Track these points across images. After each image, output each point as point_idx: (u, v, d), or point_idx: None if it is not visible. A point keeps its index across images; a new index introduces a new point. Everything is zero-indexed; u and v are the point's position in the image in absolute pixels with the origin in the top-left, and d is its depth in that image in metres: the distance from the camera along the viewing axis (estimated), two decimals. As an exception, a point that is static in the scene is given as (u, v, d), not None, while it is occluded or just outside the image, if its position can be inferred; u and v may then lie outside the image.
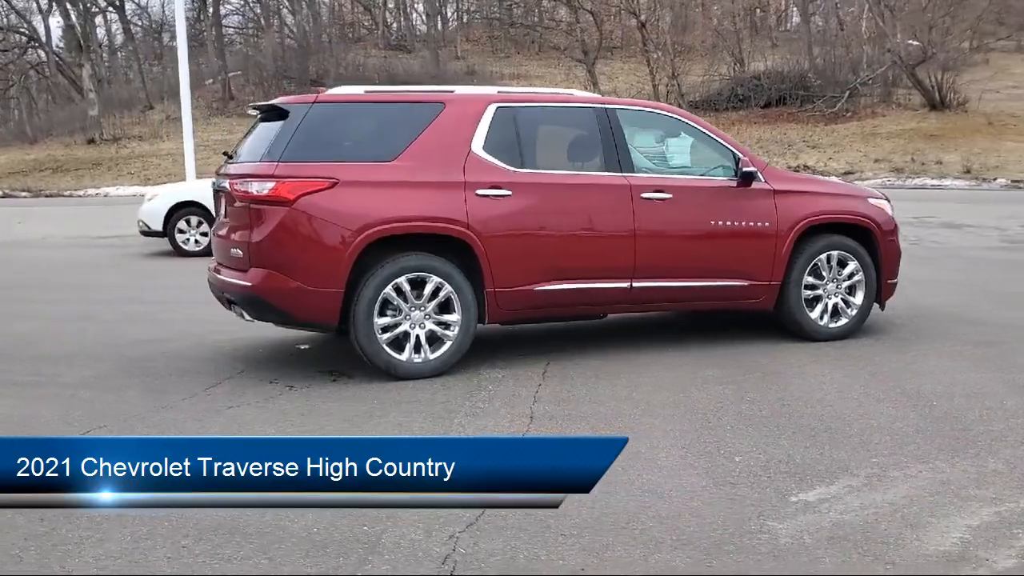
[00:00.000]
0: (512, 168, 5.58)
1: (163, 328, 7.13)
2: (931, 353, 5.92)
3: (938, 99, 31.66)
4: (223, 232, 5.72)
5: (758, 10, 44.93)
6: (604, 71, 39.55)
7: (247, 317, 5.54)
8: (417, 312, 5.38)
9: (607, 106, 5.99)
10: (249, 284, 5.29)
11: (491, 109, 5.62)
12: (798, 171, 23.39)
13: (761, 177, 6.05)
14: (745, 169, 5.99)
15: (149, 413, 4.78)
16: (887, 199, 6.68)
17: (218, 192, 6.02)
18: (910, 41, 32.20)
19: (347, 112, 5.53)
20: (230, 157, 5.99)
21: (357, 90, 5.74)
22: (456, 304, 5.41)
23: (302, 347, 6.28)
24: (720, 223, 6.02)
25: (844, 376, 5.35)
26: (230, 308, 5.81)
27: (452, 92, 5.81)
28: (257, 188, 5.25)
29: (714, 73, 37.50)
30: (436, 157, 5.48)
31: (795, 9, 44.21)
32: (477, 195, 5.45)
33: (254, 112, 5.99)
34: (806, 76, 36.67)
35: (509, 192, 5.51)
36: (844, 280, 6.29)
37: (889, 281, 6.45)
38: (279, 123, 5.43)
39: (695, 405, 4.79)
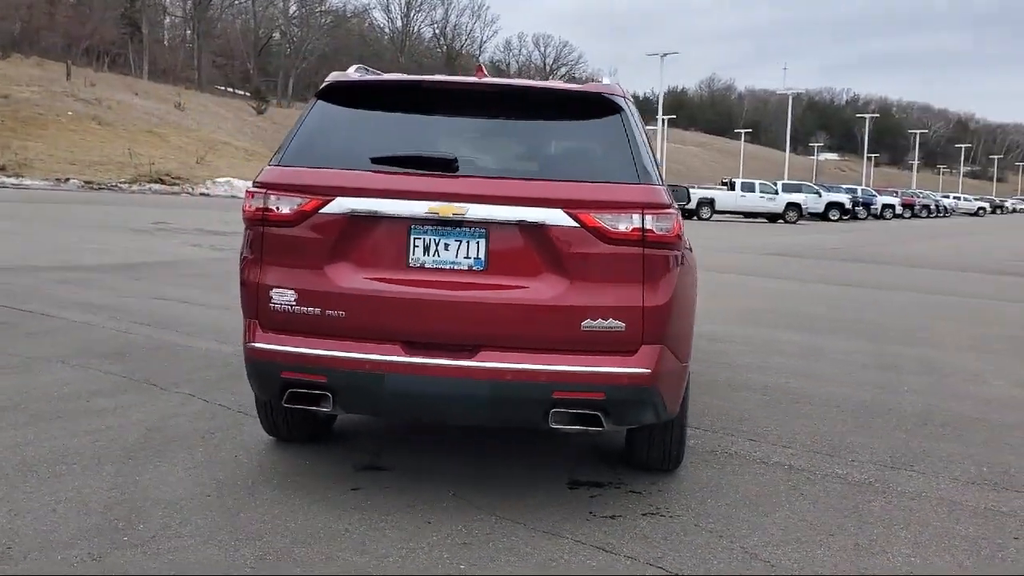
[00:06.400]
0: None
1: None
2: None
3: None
4: (482, 292, 3.33)
5: None
6: None
7: (603, 425, 3.27)
8: None
9: None
10: (648, 372, 3.25)
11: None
12: None
13: None
14: None
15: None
16: None
17: (381, 219, 3.38)
18: None
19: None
20: (445, 164, 3.38)
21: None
22: None
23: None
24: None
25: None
26: (472, 419, 3.53)
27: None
28: (660, 225, 3.32)
29: None
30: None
31: None
32: (669, 222, 4.46)
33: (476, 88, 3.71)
34: None
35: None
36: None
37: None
38: (602, 120, 3.57)
39: (897, 423, 5.10)
